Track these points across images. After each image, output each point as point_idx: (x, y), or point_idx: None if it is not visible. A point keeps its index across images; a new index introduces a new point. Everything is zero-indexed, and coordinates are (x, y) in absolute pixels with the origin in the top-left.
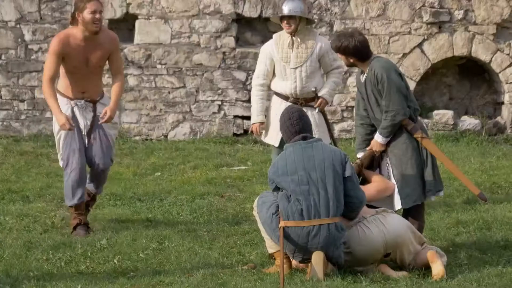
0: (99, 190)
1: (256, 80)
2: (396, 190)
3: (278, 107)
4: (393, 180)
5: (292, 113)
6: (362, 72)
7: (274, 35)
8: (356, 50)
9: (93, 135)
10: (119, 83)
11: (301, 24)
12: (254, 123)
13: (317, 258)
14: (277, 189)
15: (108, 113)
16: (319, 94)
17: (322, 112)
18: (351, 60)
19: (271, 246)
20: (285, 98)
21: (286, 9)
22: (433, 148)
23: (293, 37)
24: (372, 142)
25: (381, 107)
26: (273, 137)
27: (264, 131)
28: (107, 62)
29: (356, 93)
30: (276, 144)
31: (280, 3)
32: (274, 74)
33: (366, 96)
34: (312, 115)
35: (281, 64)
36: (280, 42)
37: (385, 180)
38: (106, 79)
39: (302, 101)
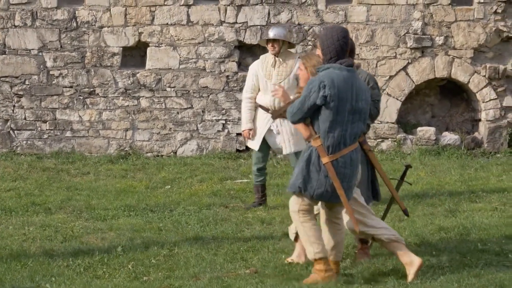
0: None
1: (245, 94)
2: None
3: (261, 117)
4: None
5: (341, 31)
6: None
7: (261, 56)
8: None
9: None
10: None
11: (283, 47)
12: (244, 130)
13: None
14: (318, 103)
15: None
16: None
17: None
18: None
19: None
20: (266, 110)
21: (271, 34)
22: (375, 160)
23: (276, 58)
24: None
25: None
26: (254, 143)
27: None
28: None
29: None
30: (256, 148)
31: (267, 28)
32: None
33: None
34: (289, 124)
35: (264, 80)
36: (265, 61)
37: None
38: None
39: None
